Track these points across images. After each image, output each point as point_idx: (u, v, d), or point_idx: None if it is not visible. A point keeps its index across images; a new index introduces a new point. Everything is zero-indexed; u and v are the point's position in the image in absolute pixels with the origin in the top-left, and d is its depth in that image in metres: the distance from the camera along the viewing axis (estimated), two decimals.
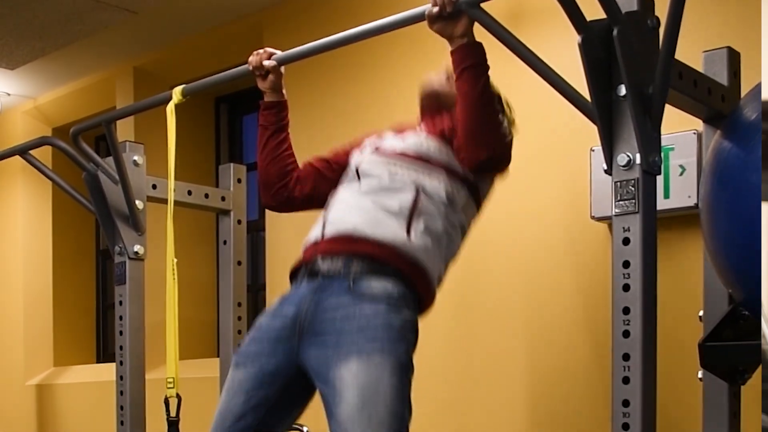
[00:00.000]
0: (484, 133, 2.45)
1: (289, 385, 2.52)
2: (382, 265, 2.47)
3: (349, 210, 2.55)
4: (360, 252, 2.48)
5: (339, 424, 2.35)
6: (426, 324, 2.55)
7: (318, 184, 2.81)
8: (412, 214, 2.50)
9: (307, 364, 2.46)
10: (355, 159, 2.72)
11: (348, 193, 2.62)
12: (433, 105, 2.75)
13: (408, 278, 2.48)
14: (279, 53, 2.80)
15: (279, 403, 2.53)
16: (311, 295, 2.49)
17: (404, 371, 2.40)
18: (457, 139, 2.52)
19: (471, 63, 2.42)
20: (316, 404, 2.53)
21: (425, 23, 2.44)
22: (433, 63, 2.53)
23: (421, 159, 2.59)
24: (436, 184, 2.55)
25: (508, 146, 2.58)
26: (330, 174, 2.80)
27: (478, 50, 2.42)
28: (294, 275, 2.63)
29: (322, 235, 2.56)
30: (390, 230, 2.48)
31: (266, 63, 2.78)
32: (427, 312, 2.59)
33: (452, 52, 2.44)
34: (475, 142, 2.45)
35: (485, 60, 2.43)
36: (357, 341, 2.38)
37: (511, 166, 3.51)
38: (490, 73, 2.46)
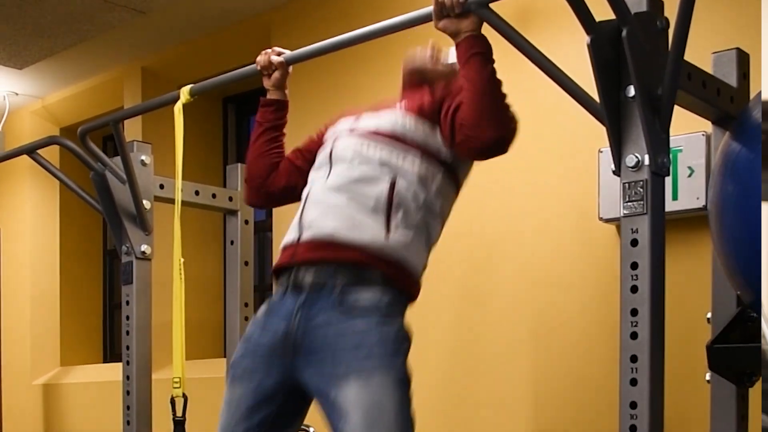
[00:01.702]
0: (494, 115, 2.38)
1: (288, 400, 2.50)
2: (366, 271, 2.41)
3: (325, 211, 2.47)
4: (341, 259, 2.42)
5: None
6: (433, 325, 2.55)
7: (292, 177, 2.77)
8: (389, 208, 2.43)
9: (305, 381, 2.44)
10: (329, 141, 2.65)
11: (321, 187, 2.53)
12: (414, 81, 2.70)
13: (393, 280, 2.44)
14: (288, 53, 2.80)
15: (281, 418, 2.52)
16: (299, 311, 2.44)
17: (405, 385, 2.38)
18: (460, 124, 2.43)
19: (478, 50, 2.37)
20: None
21: (430, 26, 2.43)
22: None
23: (395, 138, 2.51)
24: (411, 167, 2.48)
25: (516, 129, 2.46)
26: (302, 164, 2.76)
27: (485, 41, 2.38)
28: (277, 275, 2.57)
29: (299, 239, 2.49)
30: (368, 231, 2.41)
31: (274, 59, 2.78)
32: (415, 300, 2.54)
33: (458, 44, 2.40)
34: (485, 123, 2.37)
35: (491, 51, 2.39)
36: (354, 360, 2.35)
37: (519, 166, 3.53)
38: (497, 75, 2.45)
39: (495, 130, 2.38)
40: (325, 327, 2.40)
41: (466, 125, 2.40)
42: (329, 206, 2.47)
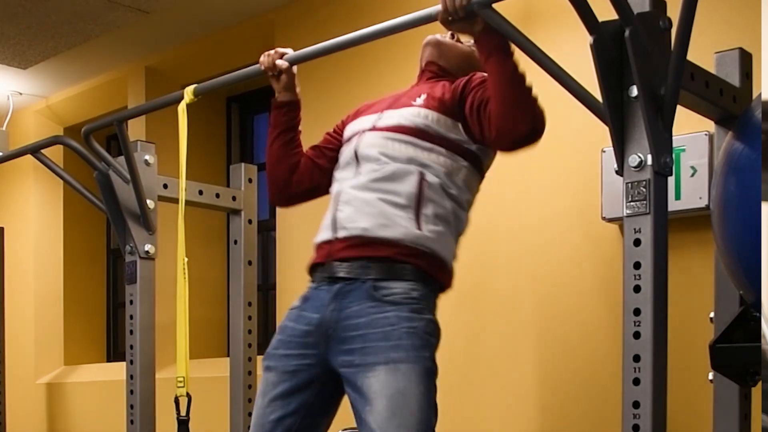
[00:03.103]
0: (522, 108, 2.40)
1: (324, 389, 2.54)
2: (400, 265, 2.47)
3: (357, 210, 2.52)
4: (376, 256, 2.48)
5: (370, 431, 2.38)
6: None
7: (315, 176, 2.81)
8: (419, 204, 2.49)
9: (337, 371, 2.49)
10: (353, 138, 2.68)
11: (351, 186, 2.58)
12: (434, 72, 2.74)
13: (426, 273, 2.49)
14: (290, 53, 2.80)
15: (316, 406, 2.56)
16: (333, 302, 2.50)
17: (430, 377, 2.43)
18: (490, 120, 2.45)
19: (496, 44, 2.38)
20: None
21: (436, 24, 2.43)
22: None
23: (419, 133, 2.55)
24: (437, 161, 2.53)
25: (544, 119, 2.46)
26: (324, 162, 2.80)
27: (496, 38, 2.38)
28: (312, 271, 2.63)
29: (335, 237, 2.55)
30: (401, 227, 2.47)
31: (278, 63, 2.77)
32: (447, 290, 2.62)
33: (476, 41, 2.43)
34: (515, 117, 2.39)
35: (509, 44, 2.39)
36: (383, 349, 2.40)
37: (522, 165, 3.53)
38: None
39: (526, 124, 2.40)
40: (357, 317, 2.45)
41: (497, 121, 2.43)
42: (361, 205, 2.52)
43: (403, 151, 2.54)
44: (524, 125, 2.40)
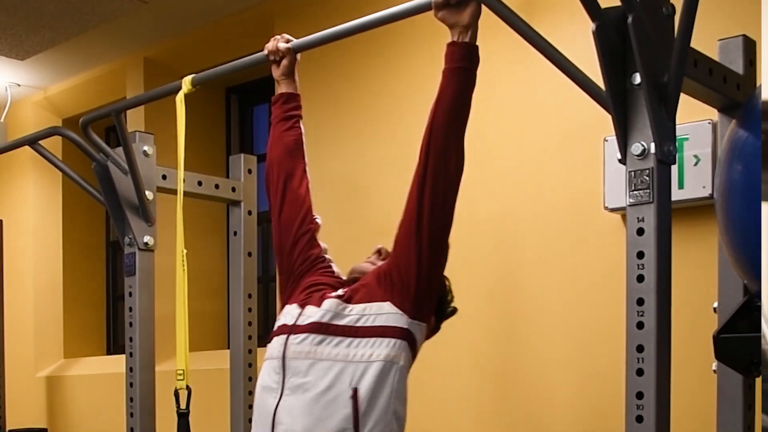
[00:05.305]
0: (454, 130, 2.36)
1: None
2: None
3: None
4: None
5: None
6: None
7: (296, 204, 2.72)
8: (357, 425, 2.34)
9: None
10: (279, 331, 2.53)
11: (284, 406, 2.41)
12: (355, 279, 2.62)
13: None
14: (295, 40, 2.78)
15: None
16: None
17: None
18: (430, 123, 2.37)
19: (467, 66, 2.35)
20: None
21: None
22: (443, 52, 2.51)
23: (347, 329, 2.41)
24: (369, 358, 2.38)
25: (462, 160, 2.40)
26: (297, 230, 2.70)
27: (476, 55, 2.37)
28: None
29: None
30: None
31: (281, 45, 2.76)
32: None
33: (451, 44, 2.37)
34: (445, 130, 2.34)
35: (477, 67, 2.37)
36: None
37: (524, 156, 3.51)
38: (501, 62, 2.43)
39: (453, 138, 2.36)
40: None
41: (430, 131, 2.36)
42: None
43: (332, 353, 2.40)
44: (453, 138, 2.35)
